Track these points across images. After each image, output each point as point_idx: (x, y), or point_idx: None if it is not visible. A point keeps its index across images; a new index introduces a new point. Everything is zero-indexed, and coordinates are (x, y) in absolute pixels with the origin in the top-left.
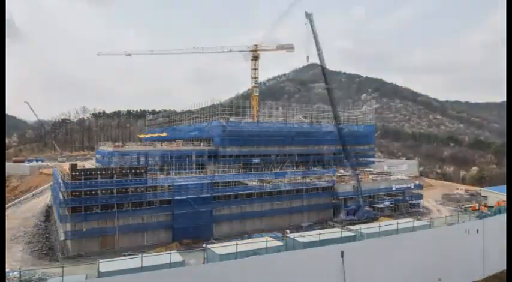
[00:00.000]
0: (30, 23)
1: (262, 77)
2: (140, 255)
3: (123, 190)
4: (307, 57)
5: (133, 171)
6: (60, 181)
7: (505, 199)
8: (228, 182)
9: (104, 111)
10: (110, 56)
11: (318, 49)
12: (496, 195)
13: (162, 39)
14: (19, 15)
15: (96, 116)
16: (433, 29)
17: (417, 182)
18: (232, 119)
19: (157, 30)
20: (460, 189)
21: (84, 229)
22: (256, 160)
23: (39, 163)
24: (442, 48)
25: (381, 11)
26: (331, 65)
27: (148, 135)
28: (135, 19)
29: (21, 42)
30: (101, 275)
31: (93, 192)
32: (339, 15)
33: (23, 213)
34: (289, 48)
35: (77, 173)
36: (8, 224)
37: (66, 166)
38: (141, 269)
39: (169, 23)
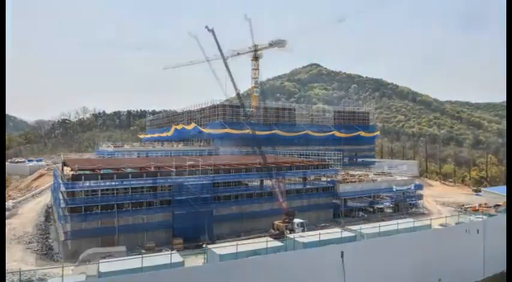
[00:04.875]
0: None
1: (262, 77)
2: (140, 256)
3: (123, 190)
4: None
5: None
6: (60, 181)
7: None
8: (229, 182)
9: (104, 111)
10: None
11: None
12: (495, 196)
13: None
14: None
15: (96, 116)
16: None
17: (417, 182)
18: (232, 119)
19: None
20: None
21: None
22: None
23: (39, 163)
24: (442, 48)
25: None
26: (331, 65)
27: (149, 136)
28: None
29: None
30: (101, 275)
31: (93, 192)
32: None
33: (22, 213)
34: (281, 44)
35: (77, 173)
36: (8, 224)
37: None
38: (141, 269)
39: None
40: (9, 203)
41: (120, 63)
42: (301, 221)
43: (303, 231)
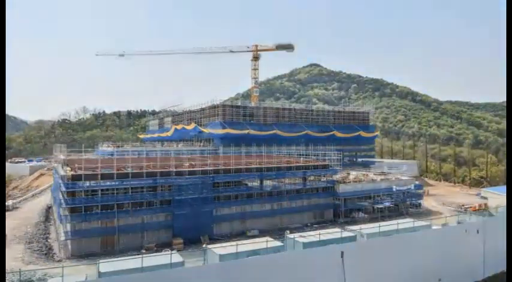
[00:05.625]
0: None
1: (262, 77)
2: (140, 256)
3: (123, 190)
4: None
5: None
6: (60, 181)
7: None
8: (229, 182)
9: (104, 111)
10: (107, 56)
11: None
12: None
13: (159, 39)
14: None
15: (96, 116)
16: (434, 28)
17: (417, 183)
18: (232, 119)
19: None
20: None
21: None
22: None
23: (39, 163)
24: (443, 48)
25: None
26: (331, 65)
27: (149, 136)
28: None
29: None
30: (101, 275)
31: (93, 192)
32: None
33: (23, 213)
34: (289, 48)
35: (77, 173)
36: (8, 224)
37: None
38: (141, 270)
39: (164, 22)
40: (9, 203)
41: (119, 63)
42: None
43: None
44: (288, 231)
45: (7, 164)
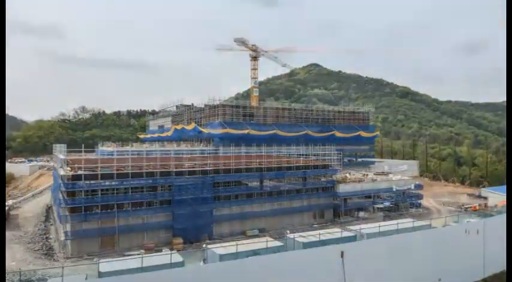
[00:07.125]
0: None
1: (262, 77)
2: (140, 255)
3: (123, 190)
4: None
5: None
6: (60, 181)
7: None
8: (229, 182)
9: (103, 111)
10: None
11: None
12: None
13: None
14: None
15: (96, 115)
16: (432, 27)
17: (417, 182)
18: (232, 119)
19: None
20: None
21: None
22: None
23: (40, 163)
24: (442, 47)
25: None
26: (330, 65)
27: (149, 136)
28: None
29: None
30: (101, 275)
31: (93, 192)
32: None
33: (23, 213)
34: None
35: (77, 173)
36: (8, 224)
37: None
38: (141, 269)
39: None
40: (9, 203)
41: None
42: None
43: None
44: (288, 231)
45: (7, 164)
